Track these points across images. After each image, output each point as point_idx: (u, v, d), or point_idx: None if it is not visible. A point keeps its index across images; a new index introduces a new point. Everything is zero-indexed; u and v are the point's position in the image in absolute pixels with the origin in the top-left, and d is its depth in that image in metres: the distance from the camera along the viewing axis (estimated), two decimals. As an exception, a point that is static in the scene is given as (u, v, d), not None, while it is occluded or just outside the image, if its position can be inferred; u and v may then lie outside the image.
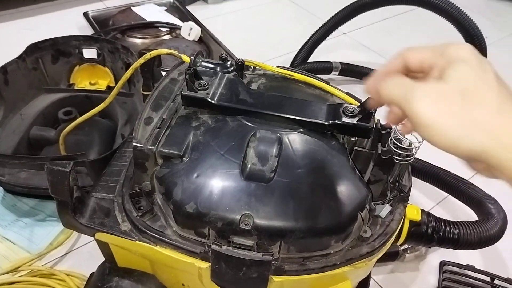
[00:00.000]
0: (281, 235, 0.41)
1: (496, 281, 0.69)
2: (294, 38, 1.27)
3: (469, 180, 0.75)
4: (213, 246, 0.43)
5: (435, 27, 1.38)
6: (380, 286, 0.69)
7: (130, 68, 0.54)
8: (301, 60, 1.05)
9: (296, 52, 1.07)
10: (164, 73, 0.54)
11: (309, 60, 1.08)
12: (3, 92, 0.78)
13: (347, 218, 0.43)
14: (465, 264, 0.71)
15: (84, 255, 0.69)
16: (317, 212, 0.42)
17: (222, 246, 0.42)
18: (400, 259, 0.70)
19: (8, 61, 0.79)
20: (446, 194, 0.80)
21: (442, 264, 0.72)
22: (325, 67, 1.08)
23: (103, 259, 0.55)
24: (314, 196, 0.42)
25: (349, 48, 1.28)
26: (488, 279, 0.69)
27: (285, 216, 0.41)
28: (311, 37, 1.05)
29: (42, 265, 0.66)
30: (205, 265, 0.45)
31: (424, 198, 0.85)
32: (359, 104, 0.46)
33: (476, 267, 0.70)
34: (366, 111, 0.43)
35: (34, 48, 0.83)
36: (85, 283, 0.58)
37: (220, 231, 0.42)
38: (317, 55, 1.09)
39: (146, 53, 0.52)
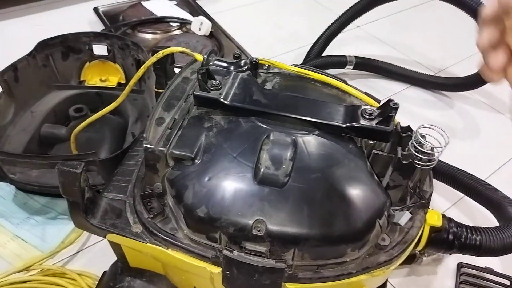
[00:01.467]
0: (295, 242, 0.40)
1: (517, 285, 0.66)
2: (306, 32, 1.24)
3: (486, 181, 0.72)
4: (225, 252, 0.42)
5: (451, 19, 1.34)
6: (396, 290, 0.68)
7: (142, 67, 0.53)
8: (315, 54, 1.02)
9: (308, 46, 1.05)
10: (177, 70, 0.53)
11: (322, 55, 1.05)
12: (13, 90, 0.77)
13: (364, 226, 0.41)
14: (483, 266, 0.69)
15: (96, 254, 0.69)
16: (333, 219, 0.40)
17: (234, 251, 0.41)
18: (417, 262, 0.68)
19: (18, 58, 0.78)
20: (462, 194, 0.78)
21: (459, 266, 0.70)
22: (339, 61, 1.05)
23: (115, 257, 0.54)
24: (330, 203, 0.41)
25: (363, 41, 1.25)
26: (507, 282, 0.67)
27: (299, 222, 0.40)
28: (326, 30, 1.02)
29: (53, 264, 0.66)
30: (216, 270, 0.44)
31: (440, 199, 0.83)
32: (378, 105, 0.44)
33: (495, 270, 0.68)
34: (386, 113, 0.41)
35: (44, 45, 0.82)
36: (97, 282, 0.57)
37: (232, 236, 0.41)
38: (330, 49, 1.06)
39: (158, 51, 0.51)
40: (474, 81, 0.98)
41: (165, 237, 0.44)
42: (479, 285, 0.67)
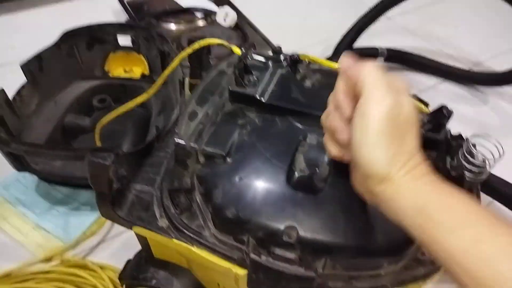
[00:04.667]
0: (327, 251, 0.38)
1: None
2: (334, 23, 1.20)
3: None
4: (252, 256, 0.40)
5: (486, 11, 1.28)
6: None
7: (177, 57, 0.51)
8: (345, 46, 0.99)
9: (336, 38, 1.02)
10: (212, 62, 0.51)
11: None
12: (38, 79, 0.77)
13: (404, 239, 0.39)
14: None
15: (117, 245, 0.69)
16: (370, 231, 0.38)
17: (262, 256, 0.40)
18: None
19: (42, 47, 0.77)
20: (490, 198, 0.74)
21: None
22: (370, 54, 1.01)
23: (136, 250, 0.54)
24: (368, 212, 0.38)
25: (394, 33, 1.21)
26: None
27: (333, 232, 0.38)
28: (357, 22, 0.99)
29: (74, 255, 0.66)
30: (242, 272, 0.42)
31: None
32: (427, 109, 0.41)
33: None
34: (437, 120, 0.38)
35: (69, 35, 0.81)
36: (117, 275, 0.56)
37: (260, 240, 0.39)
38: (359, 41, 1.03)
39: (195, 42, 0.49)
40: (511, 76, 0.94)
41: (191, 234, 0.43)
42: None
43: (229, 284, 0.47)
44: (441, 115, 0.38)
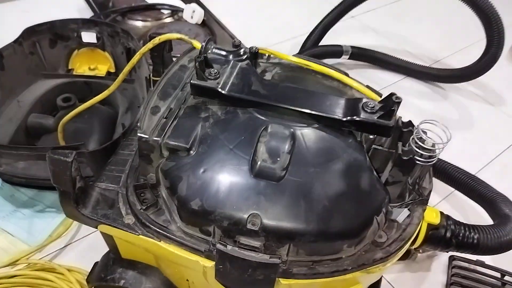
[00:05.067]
0: (290, 237, 0.39)
1: (507, 277, 0.67)
2: (300, 21, 1.23)
3: (478, 176, 0.72)
4: (218, 246, 0.41)
5: (445, 10, 1.34)
6: (391, 285, 0.68)
7: (137, 53, 0.51)
8: (311, 44, 1.01)
9: (303, 36, 1.04)
10: (174, 59, 0.51)
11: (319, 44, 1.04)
12: (-1, 77, 0.75)
13: (361, 222, 0.41)
14: (474, 259, 0.69)
15: (84, 247, 0.67)
16: (330, 215, 0.40)
17: (228, 246, 0.41)
18: (411, 258, 0.68)
19: (4, 45, 0.75)
20: (452, 188, 0.78)
21: (451, 259, 0.70)
22: (335, 51, 1.04)
23: (104, 252, 0.53)
24: (327, 198, 0.40)
25: (357, 31, 1.24)
26: (498, 275, 0.67)
27: (295, 218, 0.39)
28: (322, 20, 1.02)
29: (41, 258, 0.65)
30: (209, 263, 0.43)
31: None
32: (380, 99, 0.43)
33: (486, 263, 0.69)
34: (387, 107, 0.40)
35: (31, 32, 0.79)
36: (85, 277, 0.56)
37: (226, 230, 0.40)
38: (324, 39, 1.05)
39: (155, 37, 0.49)
40: (469, 73, 0.99)
41: (157, 229, 0.43)
42: (470, 278, 0.67)
43: (198, 279, 0.48)
44: (391, 101, 0.40)
